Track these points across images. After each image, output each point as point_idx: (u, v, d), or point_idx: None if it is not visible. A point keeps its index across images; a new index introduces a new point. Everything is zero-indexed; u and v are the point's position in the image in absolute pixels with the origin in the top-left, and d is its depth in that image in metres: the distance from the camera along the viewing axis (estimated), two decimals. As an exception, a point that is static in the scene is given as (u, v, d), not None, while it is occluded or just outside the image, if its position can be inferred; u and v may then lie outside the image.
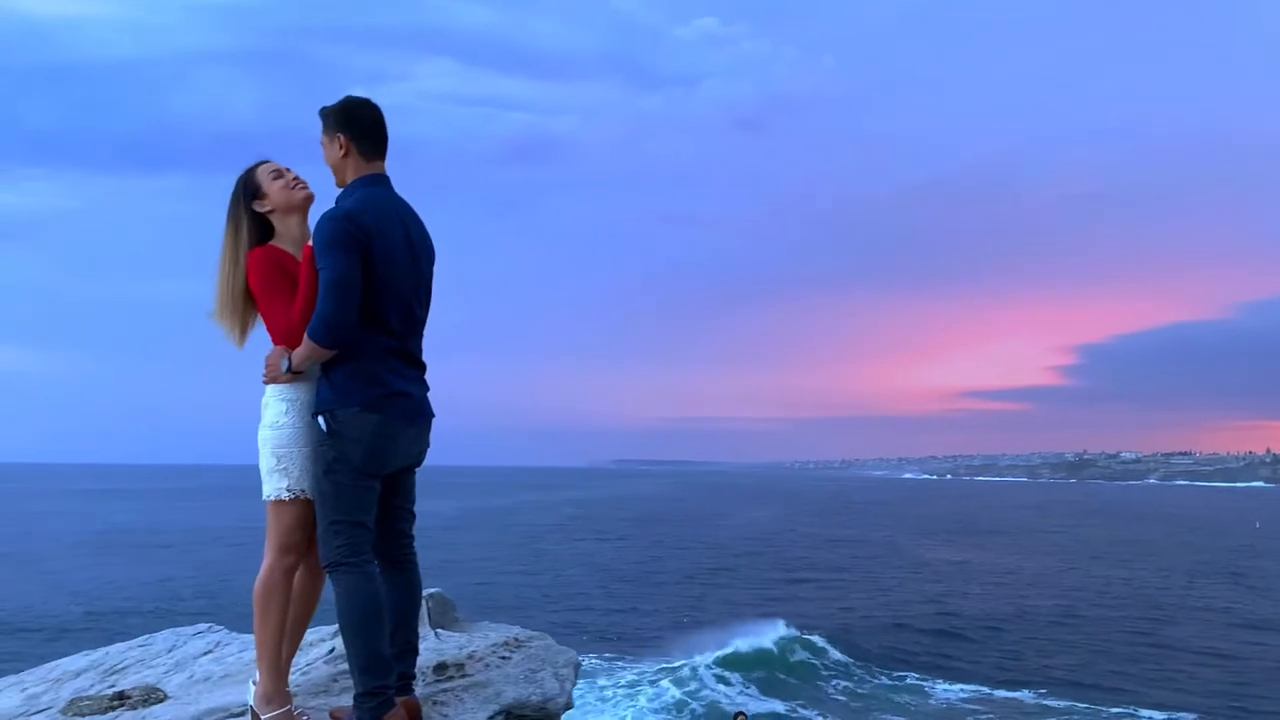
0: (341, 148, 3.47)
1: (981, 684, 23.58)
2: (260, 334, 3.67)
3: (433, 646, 4.10)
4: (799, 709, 21.32)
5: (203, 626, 5.40)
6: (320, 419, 3.35)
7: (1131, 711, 21.32)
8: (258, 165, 3.63)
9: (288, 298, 3.44)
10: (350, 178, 3.49)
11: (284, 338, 3.44)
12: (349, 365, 3.33)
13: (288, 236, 3.61)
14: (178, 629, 5.41)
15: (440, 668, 3.82)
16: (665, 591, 36.83)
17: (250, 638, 5.13)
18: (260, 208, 3.58)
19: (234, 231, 3.57)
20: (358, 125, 3.49)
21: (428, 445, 3.63)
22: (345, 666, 4.04)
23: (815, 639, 26.31)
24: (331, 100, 3.56)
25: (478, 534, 59.43)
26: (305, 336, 3.30)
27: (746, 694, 22.04)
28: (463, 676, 3.77)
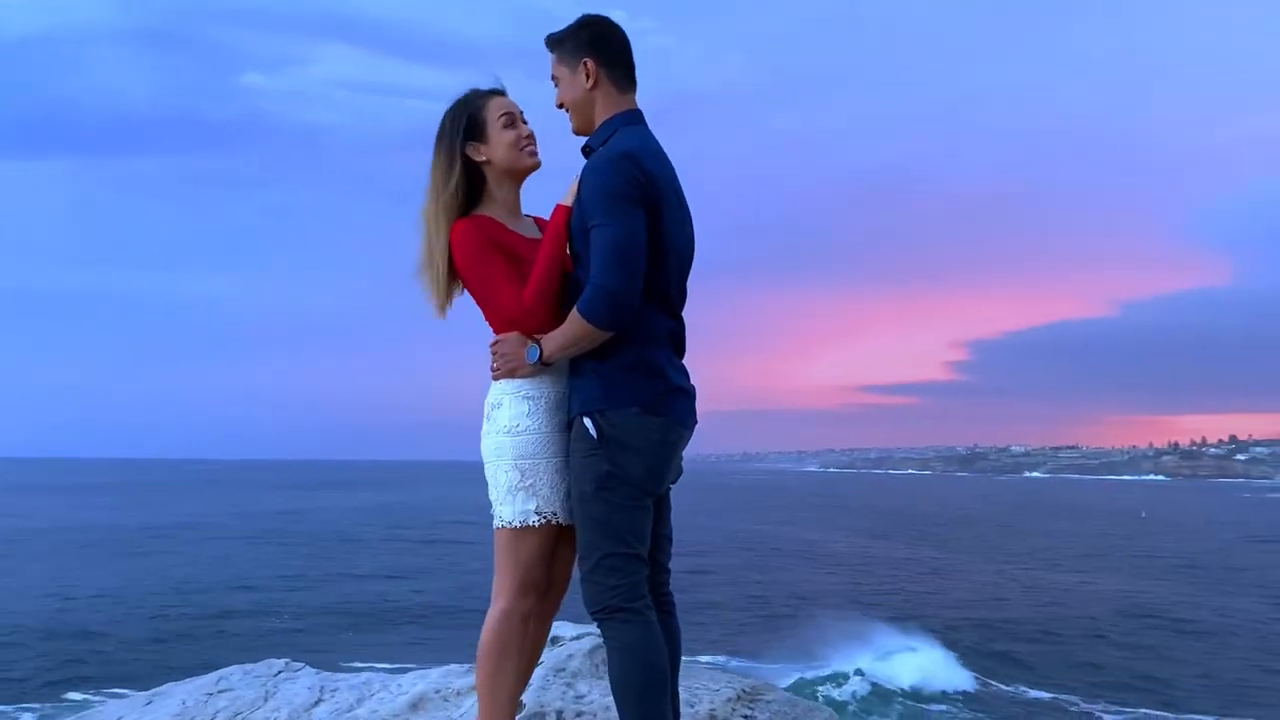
0: (589, 77, 2.68)
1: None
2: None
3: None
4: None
5: (278, 663, 4.52)
6: (587, 422, 2.58)
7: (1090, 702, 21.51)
8: (490, 96, 2.79)
9: (508, 278, 2.65)
10: (600, 116, 2.71)
11: (510, 323, 2.67)
12: (621, 354, 2.57)
13: (498, 200, 2.81)
14: (245, 666, 4.52)
15: (680, 728, 3.07)
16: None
17: (360, 678, 4.27)
18: (475, 155, 2.75)
19: (443, 177, 2.73)
20: (608, 48, 2.70)
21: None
22: (549, 726, 3.30)
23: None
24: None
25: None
26: (575, 315, 2.52)
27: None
28: (710, 739, 3.04)
